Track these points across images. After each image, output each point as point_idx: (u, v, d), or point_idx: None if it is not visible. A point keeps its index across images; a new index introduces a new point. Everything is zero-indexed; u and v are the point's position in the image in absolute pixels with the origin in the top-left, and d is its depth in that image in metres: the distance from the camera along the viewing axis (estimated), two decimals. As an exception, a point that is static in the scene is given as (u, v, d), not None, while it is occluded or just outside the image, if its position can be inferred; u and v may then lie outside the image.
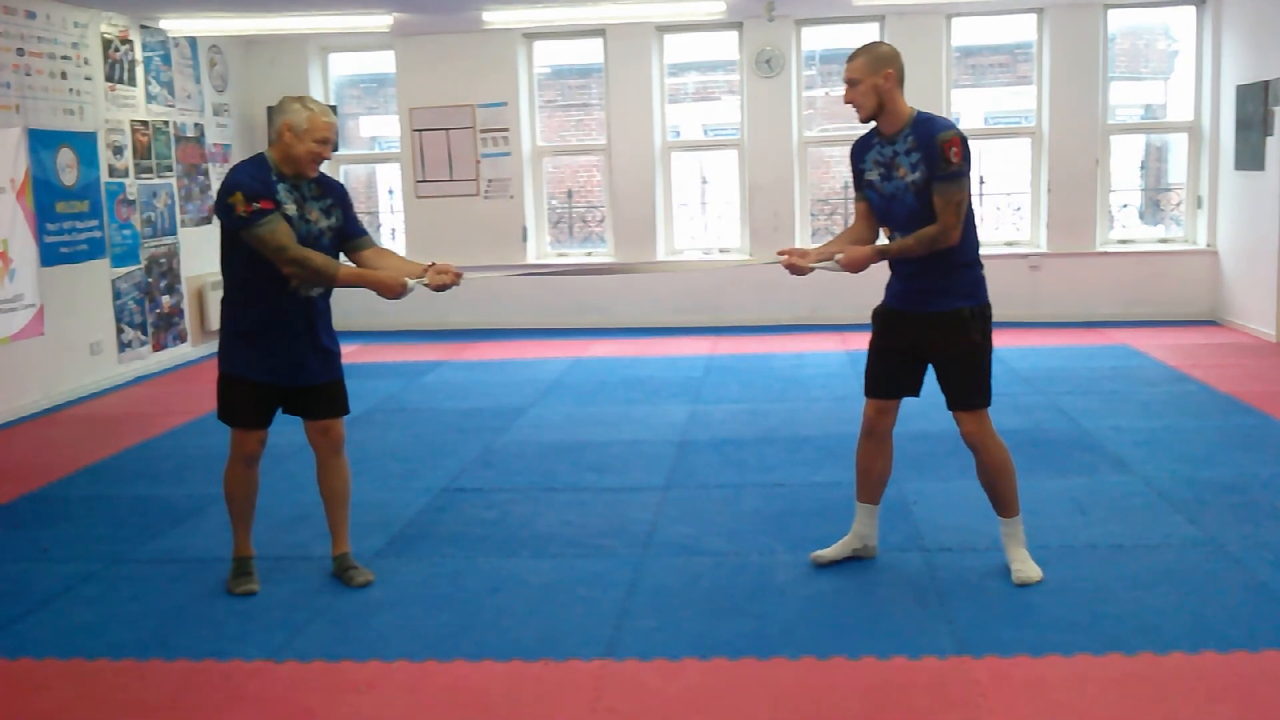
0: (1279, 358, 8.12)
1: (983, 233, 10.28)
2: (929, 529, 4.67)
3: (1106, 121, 9.93)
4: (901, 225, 3.93)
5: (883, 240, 4.01)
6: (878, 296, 4.10)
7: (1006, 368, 7.84)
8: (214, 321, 9.52)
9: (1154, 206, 10.78)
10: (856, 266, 3.88)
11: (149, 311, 8.91)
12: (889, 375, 4.10)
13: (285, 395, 4.18)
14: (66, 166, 7.96)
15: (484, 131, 10.42)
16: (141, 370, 8.72)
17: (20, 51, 7.54)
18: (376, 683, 3.48)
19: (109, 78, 8.49)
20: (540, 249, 10.76)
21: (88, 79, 8.24)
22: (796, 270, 3.99)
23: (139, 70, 8.86)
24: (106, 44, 8.48)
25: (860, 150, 4.05)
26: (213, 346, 9.65)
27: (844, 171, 10.99)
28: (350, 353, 9.52)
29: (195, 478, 5.78)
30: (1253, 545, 4.36)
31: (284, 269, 3.92)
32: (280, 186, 3.98)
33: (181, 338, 9.34)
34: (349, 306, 10.67)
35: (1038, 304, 9.84)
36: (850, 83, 3.87)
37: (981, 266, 3.99)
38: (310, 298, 4.08)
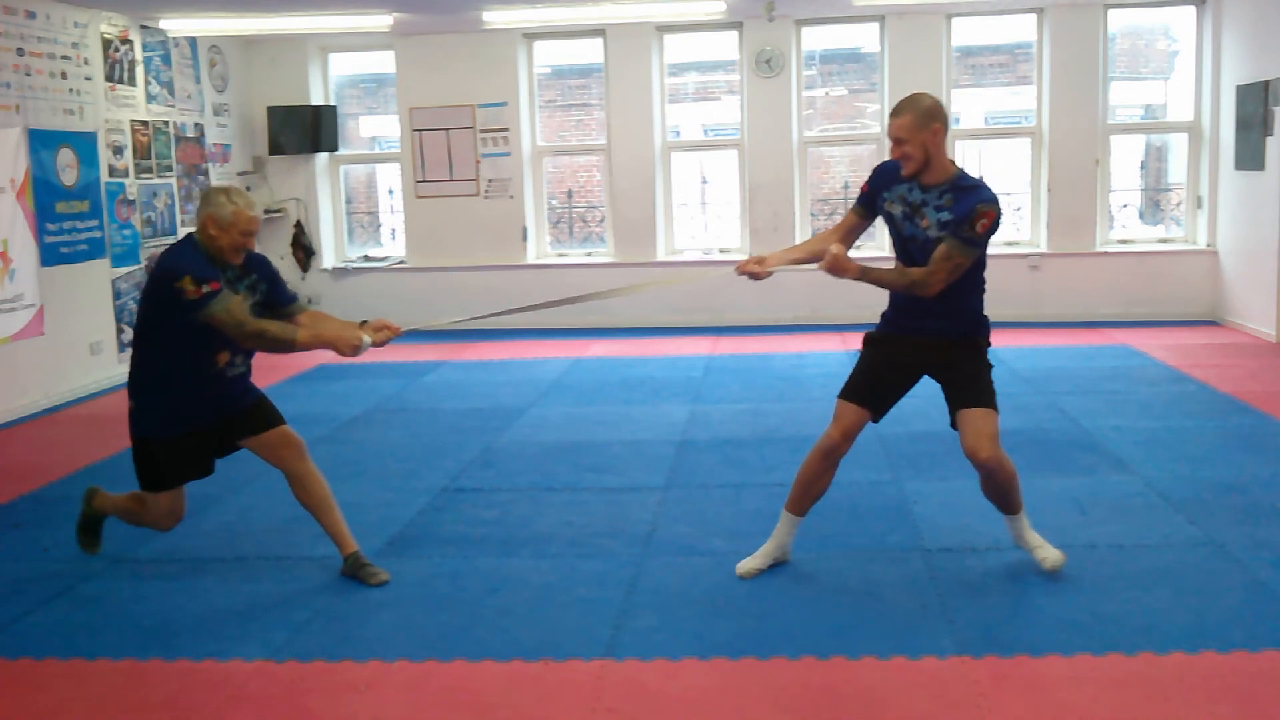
0: (1279, 358, 8.12)
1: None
2: (929, 529, 4.67)
3: (1106, 121, 9.92)
4: (917, 265, 3.92)
5: (869, 262, 3.99)
6: (878, 295, 4.09)
7: (1006, 368, 7.84)
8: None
9: (1154, 206, 10.79)
10: (839, 271, 3.83)
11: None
12: (875, 386, 4.08)
13: (217, 436, 4.19)
14: (66, 166, 7.96)
15: (484, 131, 10.42)
16: (141, 370, 8.71)
17: (20, 51, 7.54)
18: (376, 683, 3.48)
19: (109, 78, 8.49)
20: (540, 249, 10.76)
21: (88, 79, 8.24)
22: (756, 277, 4.00)
23: (139, 70, 8.86)
24: (106, 44, 8.48)
25: (887, 178, 3.97)
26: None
27: (844, 171, 11.02)
28: (350, 353, 9.53)
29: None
30: (1253, 545, 4.36)
31: (244, 343, 3.98)
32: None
33: (181, 338, 9.33)
34: (348, 308, 10.68)
35: (1038, 304, 9.84)
36: (898, 140, 3.82)
37: (987, 319, 4.05)
38: (235, 375, 4.13)
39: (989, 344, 4.06)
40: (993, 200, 3.79)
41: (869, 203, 4.05)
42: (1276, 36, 8.47)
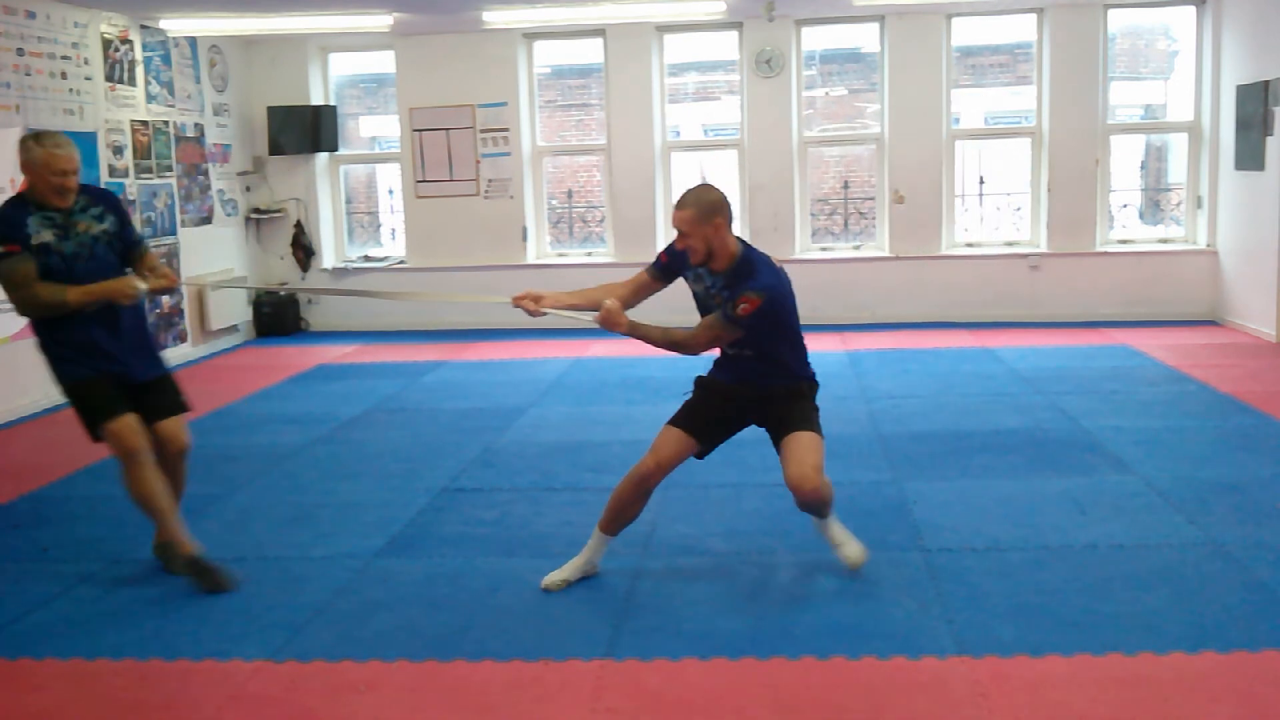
0: (1279, 358, 8.12)
1: (983, 233, 10.22)
2: (929, 529, 4.67)
3: (1106, 121, 9.93)
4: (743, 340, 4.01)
5: (644, 320, 4.10)
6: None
7: (1006, 368, 7.84)
8: (214, 321, 9.51)
9: (1154, 206, 10.78)
10: (611, 325, 3.99)
11: (149, 311, 8.88)
12: (707, 423, 4.13)
13: (129, 391, 4.25)
14: (66, 166, 7.95)
15: (484, 131, 10.42)
16: (141, 370, 8.70)
17: (20, 51, 7.54)
18: (376, 683, 3.48)
19: (109, 78, 8.49)
20: (540, 249, 10.76)
21: (88, 79, 8.24)
22: (531, 313, 4.07)
23: (139, 70, 8.86)
24: (106, 44, 8.48)
25: (686, 260, 4.09)
26: (213, 346, 9.68)
27: (844, 171, 11.00)
28: (350, 353, 9.53)
29: (195, 478, 5.71)
30: (1253, 545, 4.36)
31: (20, 309, 4.13)
32: (34, 218, 4.10)
33: (181, 338, 9.33)
34: (349, 308, 10.69)
35: (1038, 304, 9.83)
36: (681, 233, 3.97)
37: (811, 368, 4.19)
38: (104, 321, 4.18)
39: (815, 392, 4.17)
40: (761, 289, 3.90)
41: (665, 271, 4.19)
42: (1276, 36, 8.47)
